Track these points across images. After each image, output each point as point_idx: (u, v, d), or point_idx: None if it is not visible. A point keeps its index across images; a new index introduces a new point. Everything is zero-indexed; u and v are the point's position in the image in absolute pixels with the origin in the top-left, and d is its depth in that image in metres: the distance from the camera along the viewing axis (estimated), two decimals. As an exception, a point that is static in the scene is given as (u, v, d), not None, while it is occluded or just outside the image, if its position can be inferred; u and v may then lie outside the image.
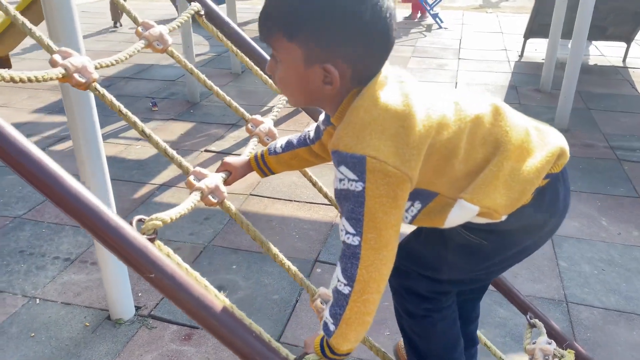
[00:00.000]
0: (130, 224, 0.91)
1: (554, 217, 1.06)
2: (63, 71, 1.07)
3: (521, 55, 7.04)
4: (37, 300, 2.60)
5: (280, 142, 1.32)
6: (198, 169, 1.18)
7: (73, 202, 0.85)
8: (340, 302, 0.92)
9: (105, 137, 4.38)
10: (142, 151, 4.24)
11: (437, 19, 8.98)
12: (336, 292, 0.93)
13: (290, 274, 1.23)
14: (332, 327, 0.94)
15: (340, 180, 0.89)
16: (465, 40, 8.06)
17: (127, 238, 0.88)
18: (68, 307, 2.55)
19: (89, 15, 9.88)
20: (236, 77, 6.31)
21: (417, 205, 1.00)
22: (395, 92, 0.93)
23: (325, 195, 1.59)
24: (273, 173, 1.32)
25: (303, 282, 1.24)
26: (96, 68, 1.15)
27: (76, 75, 1.09)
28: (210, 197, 1.14)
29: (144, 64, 6.91)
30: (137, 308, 2.53)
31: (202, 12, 1.68)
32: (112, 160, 4.02)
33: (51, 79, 1.04)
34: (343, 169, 0.88)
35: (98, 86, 1.14)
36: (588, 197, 3.52)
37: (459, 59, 7.03)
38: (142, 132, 1.21)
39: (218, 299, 0.93)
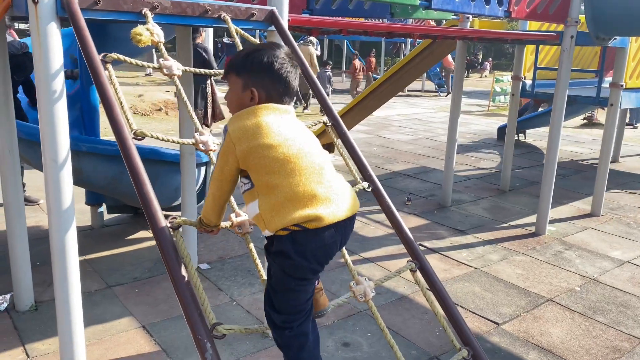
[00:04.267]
0: (165, 217, 1.75)
1: (300, 254, 1.62)
2: (193, 141, 2.02)
3: None
4: (234, 302, 3.67)
5: None
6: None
7: (147, 206, 1.74)
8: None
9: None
10: (366, 229, 5.11)
11: None
12: None
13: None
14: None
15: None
16: None
17: (159, 225, 1.71)
18: (246, 314, 3.52)
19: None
20: (501, 193, 6.64)
21: (248, 185, 1.68)
22: (271, 116, 1.65)
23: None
24: None
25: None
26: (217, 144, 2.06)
27: (200, 145, 2.02)
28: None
29: (428, 166, 7.91)
30: (283, 332, 3.30)
31: (330, 123, 2.46)
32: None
33: (184, 143, 1.99)
34: (222, 133, 1.69)
35: (212, 154, 2.05)
36: None
37: None
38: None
39: (186, 269, 1.66)
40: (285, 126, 1.66)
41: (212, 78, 6.74)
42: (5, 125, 3.15)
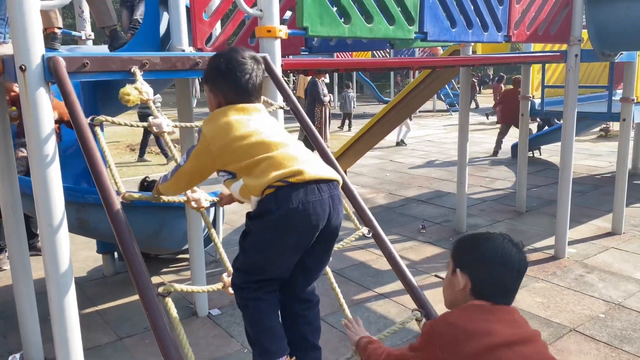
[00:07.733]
0: (156, 285, 1.70)
1: (283, 208, 1.65)
2: (185, 198, 1.98)
3: None
4: (246, 350, 3.59)
5: None
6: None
7: (137, 277, 1.70)
8: (167, 177, 1.91)
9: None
10: (380, 262, 5.00)
11: None
12: (169, 173, 1.90)
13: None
14: (161, 181, 1.94)
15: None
16: None
17: (148, 293, 1.66)
18: None
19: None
20: (517, 215, 6.50)
21: (228, 175, 1.77)
22: (239, 115, 1.78)
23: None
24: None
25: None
26: (208, 200, 2.03)
27: (192, 203, 1.99)
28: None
29: (442, 190, 7.80)
30: None
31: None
32: (360, 265, 4.92)
33: (179, 201, 1.96)
34: (197, 134, 1.82)
35: (204, 211, 2.01)
36: None
37: None
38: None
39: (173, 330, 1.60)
40: (254, 121, 1.78)
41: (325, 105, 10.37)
42: (7, 186, 3.16)
